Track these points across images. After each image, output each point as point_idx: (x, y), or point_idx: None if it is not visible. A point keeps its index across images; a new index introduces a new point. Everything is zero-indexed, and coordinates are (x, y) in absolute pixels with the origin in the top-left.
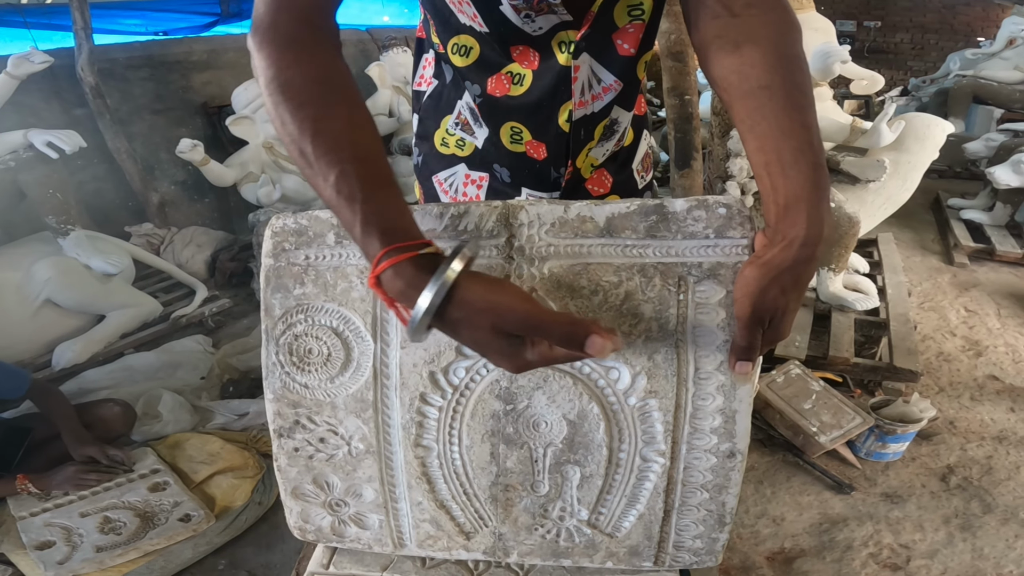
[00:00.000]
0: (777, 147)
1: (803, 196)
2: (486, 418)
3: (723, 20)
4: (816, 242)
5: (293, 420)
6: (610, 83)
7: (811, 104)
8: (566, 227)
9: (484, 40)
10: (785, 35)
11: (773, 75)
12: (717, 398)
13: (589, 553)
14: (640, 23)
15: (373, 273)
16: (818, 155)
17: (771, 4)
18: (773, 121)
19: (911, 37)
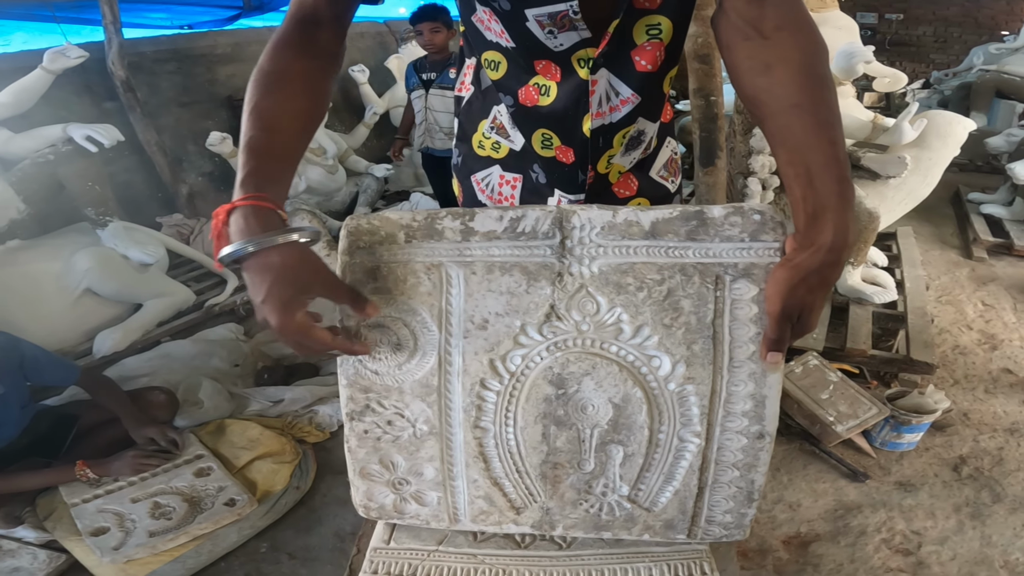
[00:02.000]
0: (806, 161)
1: (830, 206)
2: (539, 401)
3: (754, 42)
4: (842, 247)
5: (364, 404)
6: (627, 96)
7: (838, 121)
8: (614, 230)
9: (510, 55)
10: (813, 56)
11: (803, 95)
12: (749, 384)
13: (628, 526)
14: (658, 42)
15: (225, 207)
16: (844, 169)
17: (799, 26)
18: (802, 137)
19: (934, 30)
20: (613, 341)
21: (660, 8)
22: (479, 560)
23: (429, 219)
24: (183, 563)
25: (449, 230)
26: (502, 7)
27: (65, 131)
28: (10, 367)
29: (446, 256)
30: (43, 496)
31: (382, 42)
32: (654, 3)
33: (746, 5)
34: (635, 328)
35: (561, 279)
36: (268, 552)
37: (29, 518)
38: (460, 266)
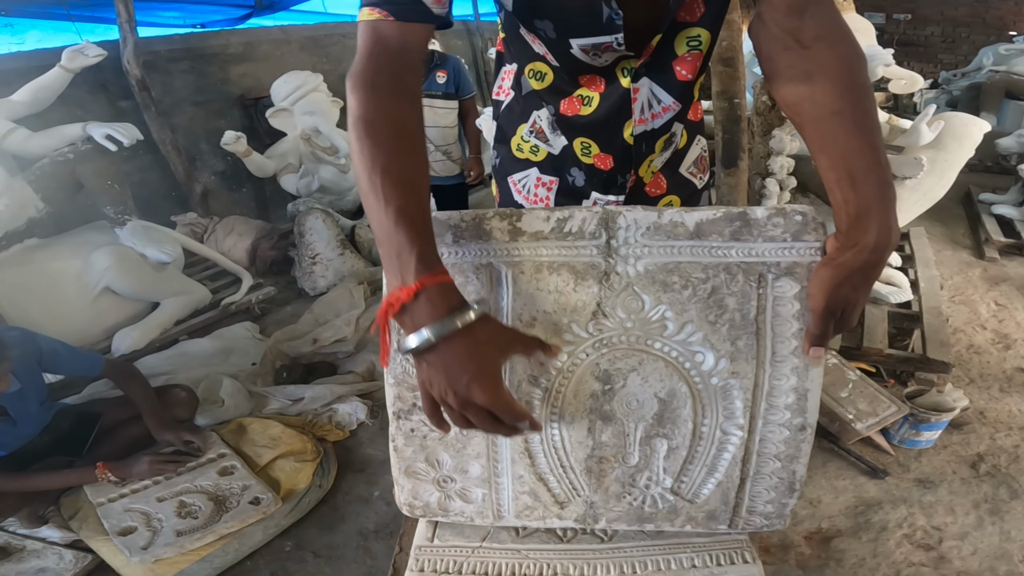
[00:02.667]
0: (848, 165)
1: (873, 207)
2: (585, 397)
3: (795, 52)
4: (885, 247)
5: (412, 403)
6: (669, 104)
7: (878, 127)
8: (660, 231)
9: (556, 70)
10: (853, 66)
11: (844, 102)
12: (791, 378)
13: (671, 518)
14: (698, 52)
15: (410, 289)
16: (885, 172)
17: (839, 37)
18: (844, 143)
19: (942, 30)
20: (658, 337)
21: (700, 21)
22: (523, 555)
23: (477, 220)
24: (210, 562)
25: (497, 230)
26: (547, 35)
27: (84, 130)
28: (28, 363)
29: (495, 256)
30: (67, 495)
31: None
32: (694, 16)
33: (786, 17)
34: (680, 325)
35: (607, 278)
36: (293, 551)
37: (53, 518)
38: (509, 265)
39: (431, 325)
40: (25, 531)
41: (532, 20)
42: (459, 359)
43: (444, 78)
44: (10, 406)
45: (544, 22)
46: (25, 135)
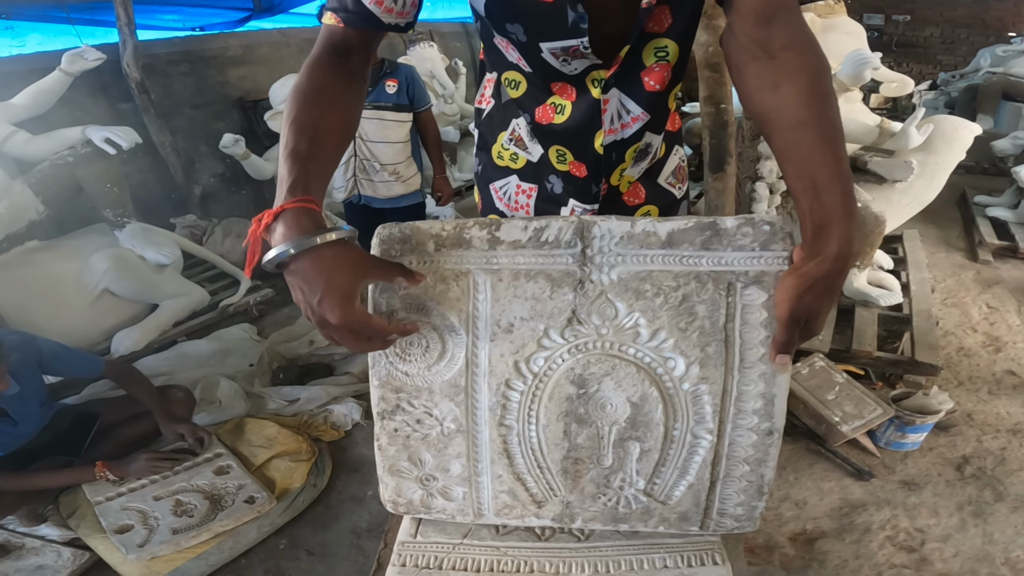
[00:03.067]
0: (812, 175)
1: (835, 218)
2: (561, 400)
3: (762, 62)
4: (846, 257)
5: (395, 404)
6: (638, 114)
7: (841, 137)
8: (633, 240)
9: (529, 77)
10: (818, 75)
11: (808, 112)
12: (759, 384)
13: (644, 518)
14: (666, 63)
15: (273, 212)
16: (848, 182)
17: (804, 46)
18: (808, 153)
19: (941, 31)
20: (631, 344)
21: (667, 32)
22: (502, 552)
23: (458, 229)
24: (205, 560)
25: (476, 239)
26: (519, 39)
27: (84, 133)
28: (28, 365)
29: (474, 264)
30: (66, 494)
31: (390, 44)
32: (662, 27)
33: (754, 27)
34: (652, 331)
35: (582, 286)
36: (287, 548)
37: (52, 516)
38: (487, 273)
39: (287, 241)
40: (24, 529)
41: (504, 24)
42: (310, 276)
43: (395, 88)
44: (10, 407)
45: (515, 25)
46: (25, 138)
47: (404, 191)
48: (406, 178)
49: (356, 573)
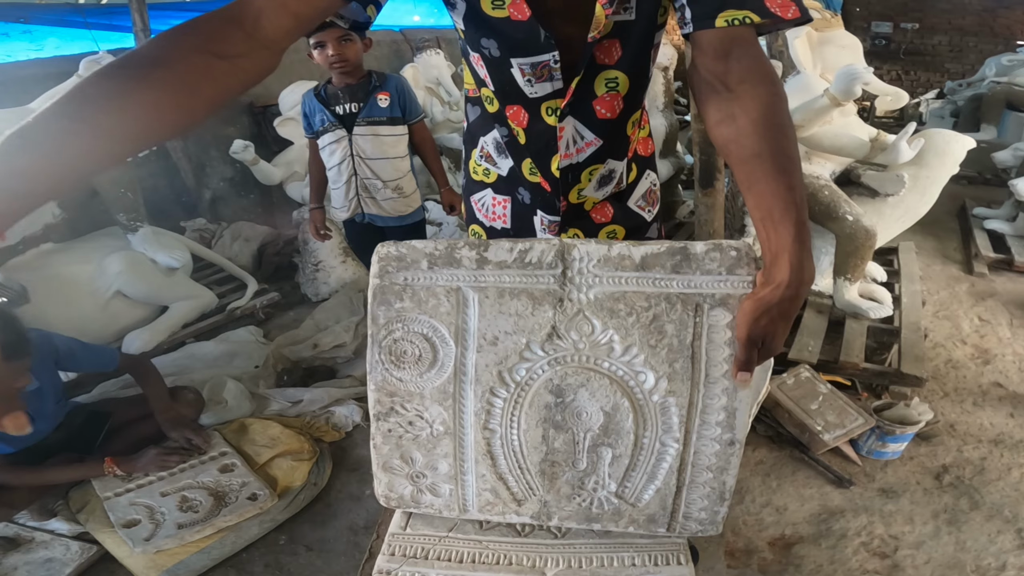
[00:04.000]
0: (768, 206)
1: (788, 248)
2: (540, 408)
3: (722, 95)
4: (798, 284)
5: (389, 407)
6: (591, 140)
7: (796, 167)
8: (609, 263)
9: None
10: (773, 107)
11: (763, 144)
12: (722, 398)
13: (615, 519)
14: (616, 93)
15: None
16: (801, 212)
17: (760, 78)
18: (764, 185)
19: (949, 39)
20: (605, 358)
21: (617, 64)
22: (484, 546)
23: (449, 248)
24: (208, 554)
25: (466, 259)
26: (491, 54)
27: None
28: (45, 362)
29: (463, 281)
30: (76, 490)
31: (397, 51)
32: (612, 60)
33: (713, 61)
34: (625, 347)
35: (562, 304)
36: (287, 544)
37: (62, 511)
38: (475, 290)
39: None
40: (35, 523)
41: (479, 38)
42: None
43: (387, 101)
44: (27, 404)
45: (489, 40)
46: None
47: (407, 209)
48: (408, 193)
49: (352, 568)
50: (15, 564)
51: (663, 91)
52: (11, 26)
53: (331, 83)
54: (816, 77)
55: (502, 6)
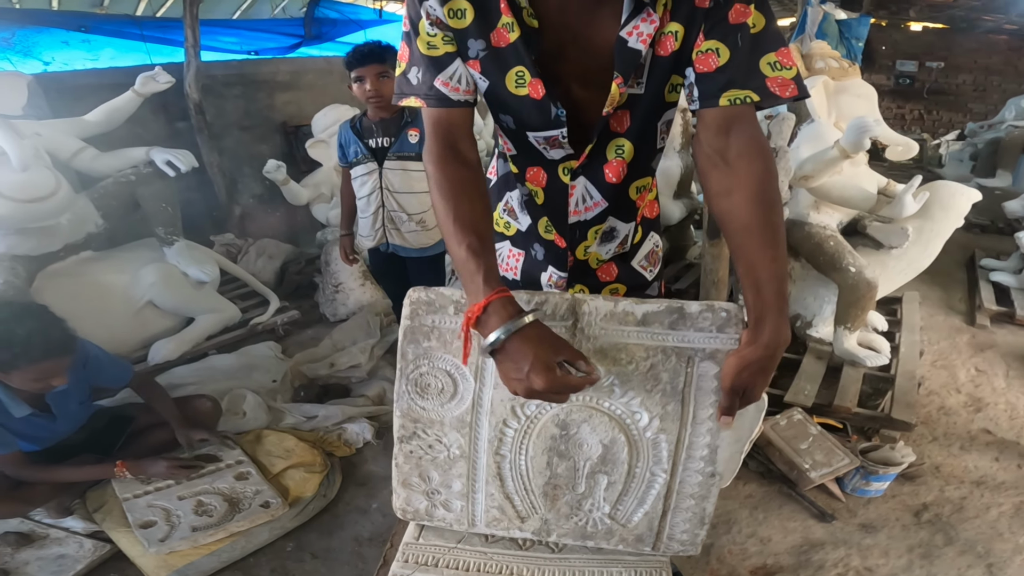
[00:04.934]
0: (754, 275)
1: (769, 314)
2: (546, 438)
3: (720, 169)
4: (776, 345)
5: (412, 431)
6: (598, 200)
7: (781, 240)
8: (614, 318)
9: (514, 159)
10: (764, 183)
11: (753, 218)
12: (706, 437)
13: (607, 537)
14: (621, 160)
15: (480, 304)
16: (782, 283)
17: (755, 154)
18: (752, 255)
19: (973, 78)
20: (606, 399)
21: (626, 133)
22: (489, 557)
23: None
24: (218, 556)
25: None
26: (509, 126)
27: (148, 154)
28: (75, 365)
29: None
30: (94, 490)
31: None
32: (622, 128)
33: (715, 137)
34: (624, 391)
35: None
36: (294, 551)
37: (78, 510)
38: None
39: (499, 328)
40: (50, 520)
41: (498, 113)
42: (521, 352)
43: (416, 137)
44: (53, 403)
45: (506, 116)
46: (94, 154)
47: (429, 242)
48: (430, 227)
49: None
50: (27, 559)
51: (680, 132)
52: (72, 34)
53: (366, 116)
54: (830, 126)
55: (523, 85)
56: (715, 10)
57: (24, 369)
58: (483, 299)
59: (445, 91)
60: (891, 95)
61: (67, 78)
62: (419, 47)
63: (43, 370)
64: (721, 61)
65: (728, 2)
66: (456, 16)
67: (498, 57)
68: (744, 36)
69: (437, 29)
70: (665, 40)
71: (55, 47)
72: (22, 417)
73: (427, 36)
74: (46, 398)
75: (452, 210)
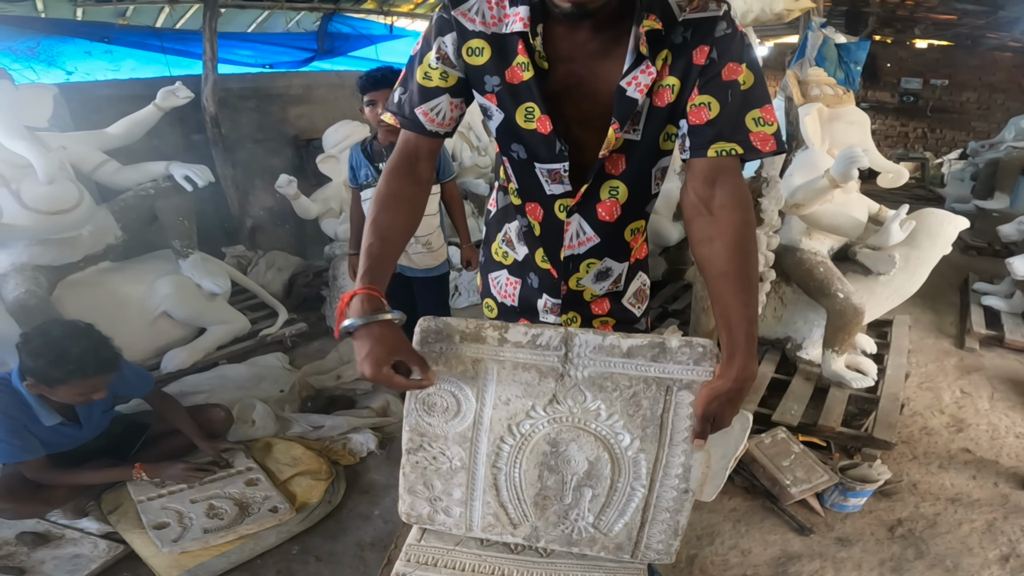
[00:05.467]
0: (728, 317)
1: (738, 352)
2: (539, 454)
3: (704, 217)
4: (743, 379)
5: (419, 444)
6: (590, 235)
7: (754, 286)
8: (602, 350)
9: (516, 192)
10: (743, 234)
11: (729, 265)
12: (681, 457)
13: (590, 545)
14: (615, 200)
15: (350, 294)
16: (752, 324)
17: (737, 205)
18: (726, 299)
19: (978, 96)
20: (593, 421)
21: (620, 175)
22: (483, 559)
23: (477, 328)
24: (227, 557)
25: (490, 337)
26: (519, 157)
27: (167, 168)
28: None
29: (486, 355)
30: (109, 492)
31: None
32: (617, 171)
33: (702, 186)
34: (609, 414)
35: (562, 378)
36: (299, 554)
37: (93, 511)
38: (495, 362)
39: (353, 318)
40: (66, 521)
41: (510, 144)
42: (361, 344)
43: None
44: (81, 413)
45: (518, 146)
46: (115, 167)
47: (434, 263)
48: (435, 248)
49: None
50: (43, 558)
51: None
52: (95, 45)
53: (376, 139)
54: (823, 154)
55: (532, 120)
56: (710, 67)
57: (72, 384)
58: (353, 290)
59: (423, 120)
60: (895, 113)
61: (89, 88)
62: (417, 74)
63: (89, 386)
64: (712, 115)
65: (722, 60)
66: (474, 54)
67: (512, 92)
68: (734, 92)
69: (441, 65)
70: (663, 92)
71: (78, 57)
72: (51, 426)
73: (428, 68)
74: (75, 408)
75: (374, 215)
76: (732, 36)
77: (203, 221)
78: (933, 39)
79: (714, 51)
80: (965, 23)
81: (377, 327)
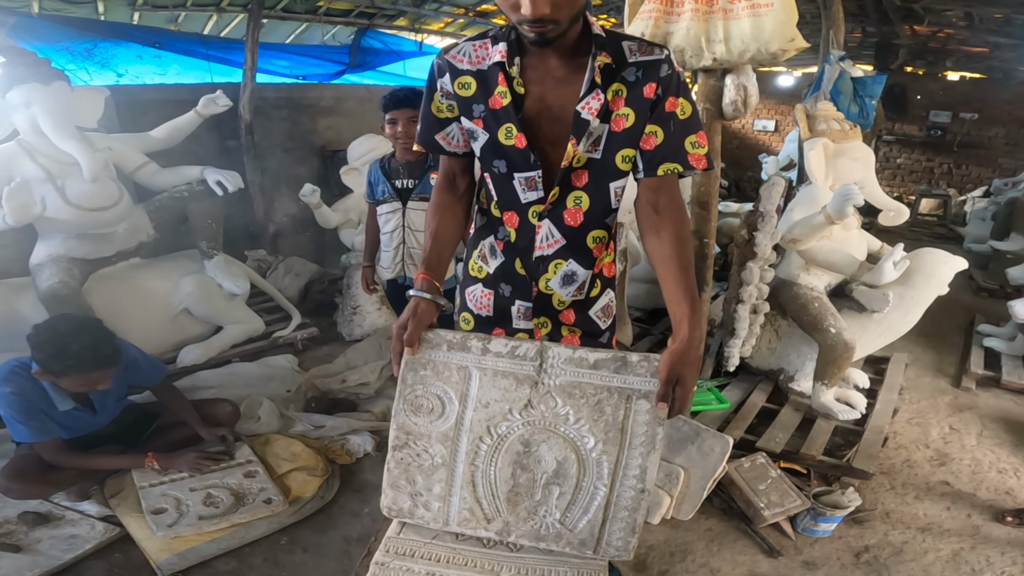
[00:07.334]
0: (674, 293)
1: (684, 318)
2: (513, 454)
3: (654, 216)
4: (692, 339)
5: (404, 441)
6: (558, 238)
7: (690, 268)
8: (572, 361)
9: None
10: (680, 227)
11: (672, 251)
12: (639, 459)
13: (557, 540)
14: (578, 208)
15: (419, 274)
16: (692, 295)
17: (676, 208)
18: (671, 278)
19: (1006, 131)
20: (562, 424)
21: (584, 187)
22: (458, 552)
23: (463, 339)
24: (217, 544)
25: (474, 347)
26: (500, 171)
27: (202, 172)
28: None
29: (471, 363)
30: (113, 477)
31: None
32: (581, 183)
33: (651, 194)
34: (576, 419)
35: (536, 385)
36: (287, 544)
37: (95, 495)
38: (478, 369)
39: (412, 291)
40: (68, 503)
41: (492, 160)
42: (407, 307)
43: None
44: (95, 399)
45: (500, 161)
46: (154, 169)
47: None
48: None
49: (340, 572)
50: (40, 537)
51: None
52: (146, 49)
53: (394, 157)
54: (825, 189)
55: (511, 138)
56: (657, 101)
57: (73, 376)
58: (418, 273)
59: (442, 143)
60: (921, 147)
61: (136, 92)
62: (432, 108)
63: (90, 379)
64: (658, 141)
65: (665, 95)
66: (464, 88)
67: (495, 116)
68: (675, 122)
69: (446, 99)
70: (619, 120)
71: (130, 61)
72: (65, 410)
73: (438, 103)
74: (90, 395)
75: (427, 221)
76: (671, 75)
77: (229, 224)
78: (965, 71)
79: (659, 88)
80: (996, 56)
81: (423, 302)
